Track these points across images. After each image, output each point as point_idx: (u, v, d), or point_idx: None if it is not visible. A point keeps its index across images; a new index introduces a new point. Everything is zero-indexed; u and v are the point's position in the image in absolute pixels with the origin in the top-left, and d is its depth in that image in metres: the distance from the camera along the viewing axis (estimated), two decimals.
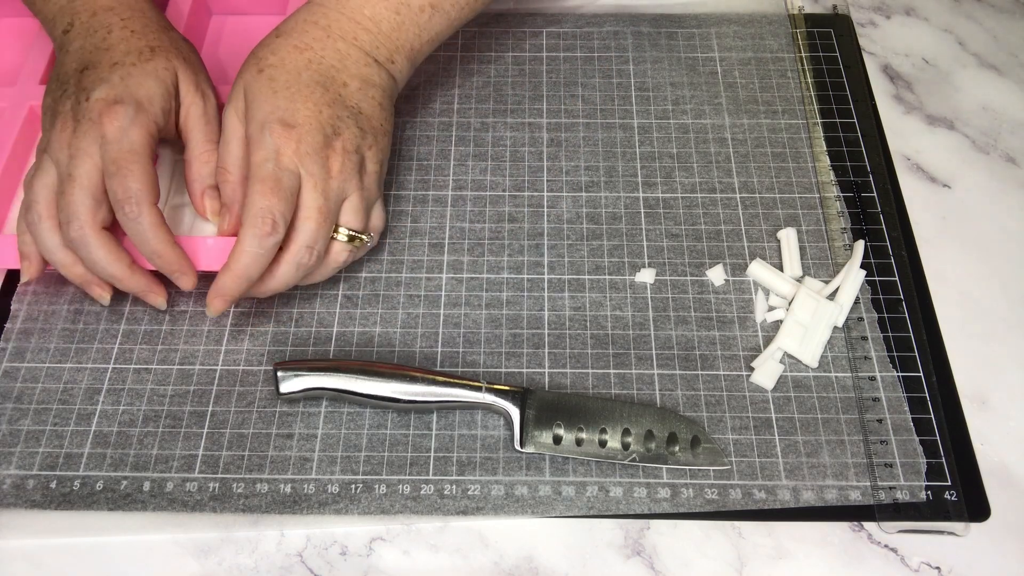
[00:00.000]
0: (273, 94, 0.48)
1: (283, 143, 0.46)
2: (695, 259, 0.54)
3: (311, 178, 0.47)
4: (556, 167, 0.58)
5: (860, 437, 0.48)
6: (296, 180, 0.47)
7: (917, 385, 0.49)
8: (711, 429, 0.48)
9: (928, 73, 0.63)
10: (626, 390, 0.49)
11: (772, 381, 0.49)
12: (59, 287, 0.53)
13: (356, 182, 0.49)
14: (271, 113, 0.47)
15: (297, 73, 0.48)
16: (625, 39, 0.64)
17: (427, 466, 0.47)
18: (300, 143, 0.47)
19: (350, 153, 0.48)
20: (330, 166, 0.47)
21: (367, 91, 0.50)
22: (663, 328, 0.51)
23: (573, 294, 0.53)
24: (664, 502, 0.46)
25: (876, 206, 0.56)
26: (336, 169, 0.48)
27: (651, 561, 0.45)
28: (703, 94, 0.61)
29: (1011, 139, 0.60)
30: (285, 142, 0.46)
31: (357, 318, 0.52)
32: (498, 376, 0.50)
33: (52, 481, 0.46)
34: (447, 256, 0.54)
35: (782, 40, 0.64)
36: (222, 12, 0.66)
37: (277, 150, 0.46)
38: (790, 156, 0.58)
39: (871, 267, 0.53)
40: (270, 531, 0.45)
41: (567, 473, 0.47)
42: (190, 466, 0.47)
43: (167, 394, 0.49)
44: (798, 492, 0.46)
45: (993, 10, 0.67)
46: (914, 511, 0.45)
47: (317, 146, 0.47)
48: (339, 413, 0.49)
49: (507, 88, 0.62)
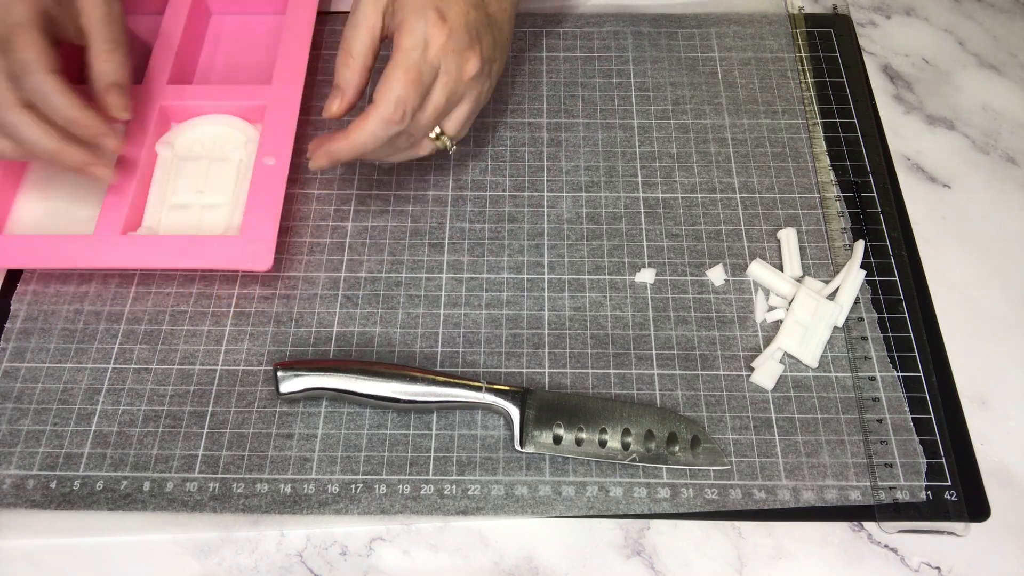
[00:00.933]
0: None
1: (434, 34, 0.47)
2: (695, 259, 0.54)
3: (446, 75, 0.48)
4: (556, 167, 0.58)
5: (860, 437, 0.48)
6: (434, 76, 0.47)
7: (917, 385, 0.49)
8: (711, 429, 0.48)
9: (928, 73, 0.63)
10: (626, 390, 0.49)
11: (772, 381, 0.49)
12: (59, 287, 0.53)
13: (478, 91, 0.50)
14: (428, 1, 0.48)
15: None
16: (625, 39, 0.64)
17: (427, 466, 0.47)
18: (450, 38, 0.47)
19: (486, 61, 0.49)
20: (466, 69, 0.48)
21: (501, 2, 0.51)
22: (663, 328, 0.51)
23: (573, 294, 0.53)
24: (664, 502, 0.46)
25: (876, 206, 0.56)
26: (469, 74, 0.48)
27: (651, 561, 0.45)
28: (703, 94, 0.61)
29: (1011, 139, 0.60)
30: (437, 33, 0.47)
31: (357, 318, 0.52)
32: (498, 376, 0.50)
33: (52, 481, 0.46)
34: (447, 256, 0.54)
35: (782, 40, 0.64)
36: (222, 12, 0.66)
37: (427, 40, 0.47)
38: (790, 156, 0.58)
39: (871, 267, 0.53)
40: (270, 531, 0.45)
41: (567, 473, 0.47)
42: (190, 466, 0.47)
43: (167, 394, 0.49)
44: (798, 492, 0.46)
45: (993, 10, 0.67)
46: (914, 511, 0.45)
47: (462, 46, 0.48)
48: (339, 413, 0.49)
49: (507, 88, 0.62)
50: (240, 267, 0.51)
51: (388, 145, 0.48)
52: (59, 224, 0.55)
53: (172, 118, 0.59)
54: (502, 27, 0.51)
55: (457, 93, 0.49)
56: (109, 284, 0.53)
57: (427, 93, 0.48)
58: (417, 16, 0.47)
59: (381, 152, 0.49)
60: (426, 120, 0.48)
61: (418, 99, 0.47)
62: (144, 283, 0.53)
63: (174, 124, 0.59)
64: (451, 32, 0.47)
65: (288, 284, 0.53)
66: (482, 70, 0.49)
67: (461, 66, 0.48)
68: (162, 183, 0.56)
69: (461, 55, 0.48)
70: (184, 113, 0.58)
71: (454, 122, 0.50)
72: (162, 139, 0.57)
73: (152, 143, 0.56)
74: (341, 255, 0.54)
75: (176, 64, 0.59)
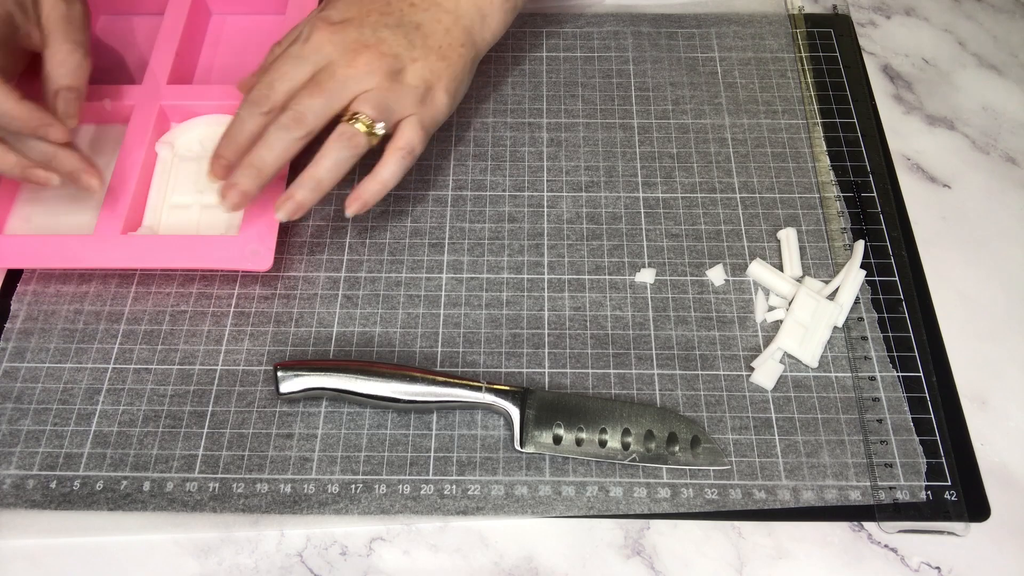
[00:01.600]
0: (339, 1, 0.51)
1: (316, 31, 0.49)
2: (695, 259, 0.54)
3: (327, 63, 0.48)
4: (556, 167, 0.58)
5: (860, 437, 0.48)
6: (307, 68, 0.48)
7: (917, 385, 0.49)
8: (711, 429, 0.48)
9: (928, 73, 0.63)
10: (626, 390, 0.49)
11: (772, 381, 0.49)
12: (59, 287, 0.53)
13: (379, 80, 0.48)
14: (325, 11, 0.50)
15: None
16: (625, 39, 0.64)
17: (427, 466, 0.47)
18: (333, 34, 0.48)
19: (385, 55, 0.49)
20: (354, 59, 0.48)
21: (434, 12, 0.51)
22: (663, 328, 0.51)
23: (573, 294, 0.53)
24: (664, 502, 0.46)
25: (876, 206, 0.56)
26: (360, 62, 0.48)
27: (651, 561, 0.45)
28: (703, 94, 0.61)
29: (1011, 139, 0.60)
30: (318, 31, 0.49)
31: (357, 318, 0.52)
32: (498, 376, 0.50)
33: (52, 481, 0.46)
34: (447, 256, 0.54)
35: (782, 40, 0.64)
36: (222, 12, 0.66)
37: (308, 36, 0.49)
38: (790, 156, 0.58)
39: (871, 267, 0.53)
40: (270, 531, 0.45)
41: (567, 473, 0.47)
42: (190, 466, 0.47)
43: (167, 394, 0.49)
44: (798, 492, 0.46)
45: (993, 10, 0.67)
46: (914, 511, 0.45)
47: (348, 40, 0.48)
48: (339, 413, 0.49)
49: (507, 88, 0.62)
50: (240, 267, 0.51)
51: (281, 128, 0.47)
52: (59, 224, 0.55)
53: (172, 118, 0.59)
54: (429, 33, 0.51)
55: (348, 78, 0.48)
56: (109, 284, 0.53)
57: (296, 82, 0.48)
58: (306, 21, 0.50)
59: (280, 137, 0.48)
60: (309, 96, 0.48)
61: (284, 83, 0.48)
62: (144, 283, 0.53)
63: (174, 124, 0.59)
64: (337, 30, 0.49)
65: (288, 284, 0.53)
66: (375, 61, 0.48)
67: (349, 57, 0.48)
68: (162, 183, 0.56)
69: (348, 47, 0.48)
70: (184, 113, 0.58)
71: (364, 104, 0.48)
72: (162, 139, 0.57)
73: (152, 143, 0.56)
74: (341, 255, 0.54)
75: (176, 64, 0.59)
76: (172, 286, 0.53)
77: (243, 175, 0.48)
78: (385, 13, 0.50)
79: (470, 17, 0.52)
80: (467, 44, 0.52)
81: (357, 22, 0.49)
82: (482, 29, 0.53)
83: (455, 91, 0.52)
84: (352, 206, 0.49)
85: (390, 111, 0.49)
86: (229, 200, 0.48)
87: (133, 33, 0.64)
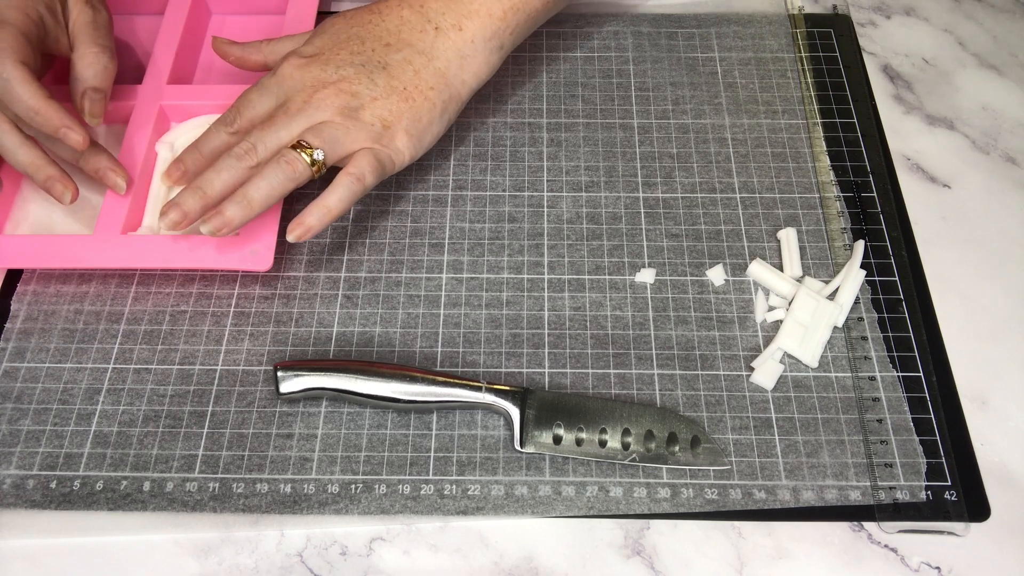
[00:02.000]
0: (317, 35, 0.53)
1: (285, 64, 0.51)
2: (695, 259, 0.54)
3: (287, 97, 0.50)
4: (556, 167, 0.58)
5: (860, 437, 0.48)
6: (270, 100, 0.50)
7: (917, 385, 0.49)
8: (711, 429, 0.48)
9: (928, 73, 0.63)
10: (626, 390, 0.49)
11: (772, 381, 0.49)
12: (59, 287, 0.53)
13: (332, 115, 0.49)
14: (303, 45, 0.52)
15: (350, 27, 0.52)
16: (625, 39, 0.64)
17: (427, 466, 0.47)
18: (297, 69, 0.50)
19: (343, 93, 0.49)
20: (313, 94, 0.49)
21: (405, 53, 0.51)
22: (663, 328, 0.51)
23: (573, 294, 0.53)
24: (664, 502, 0.46)
25: (876, 206, 0.56)
26: (317, 97, 0.49)
27: (651, 561, 0.45)
28: (703, 94, 0.61)
29: (1011, 139, 0.60)
30: (287, 65, 0.51)
31: (357, 318, 0.52)
32: (498, 376, 0.50)
33: (52, 481, 0.46)
34: (447, 256, 0.54)
35: (782, 40, 0.64)
36: (222, 12, 0.66)
37: (277, 68, 0.51)
38: (790, 156, 0.58)
39: (871, 267, 0.53)
40: (270, 531, 0.45)
41: (567, 473, 0.47)
42: (190, 466, 0.47)
43: (167, 394, 0.49)
44: (798, 492, 0.46)
45: (993, 10, 0.67)
46: (914, 511, 0.45)
47: (309, 77, 0.50)
48: (339, 413, 0.49)
49: (507, 88, 0.62)
50: (240, 267, 0.51)
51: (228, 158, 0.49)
52: (59, 224, 0.55)
53: (172, 118, 0.59)
54: (396, 75, 0.51)
55: (300, 110, 0.49)
56: (109, 284, 0.53)
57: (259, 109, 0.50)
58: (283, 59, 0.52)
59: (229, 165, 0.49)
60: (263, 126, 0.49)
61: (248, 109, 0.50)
62: (144, 283, 0.53)
63: (174, 124, 0.59)
64: (305, 65, 0.50)
65: (288, 284, 0.53)
66: (330, 96, 0.49)
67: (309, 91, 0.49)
68: (162, 183, 0.56)
69: (310, 83, 0.50)
70: (184, 113, 0.58)
71: (311, 134, 0.48)
72: (162, 139, 0.57)
73: (152, 143, 0.56)
74: (341, 255, 0.54)
75: (176, 64, 0.59)
76: (172, 286, 0.53)
77: (189, 196, 0.48)
78: (356, 52, 0.51)
79: (446, 59, 0.52)
80: (439, 87, 0.52)
81: (323, 59, 0.50)
82: (460, 71, 0.53)
83: (419, 133, 0.51)
84: (294, 231, 0.48)
85: (338, 143, 0.49)
86: (169, 217, 0.48)
87: (133, 33, 0.64)
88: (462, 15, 0.52)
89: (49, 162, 0.50)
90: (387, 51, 0.51)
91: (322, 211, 0.48)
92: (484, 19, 0.52)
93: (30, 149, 0.50)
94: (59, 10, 0.52)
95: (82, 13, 0.52)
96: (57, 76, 0.58)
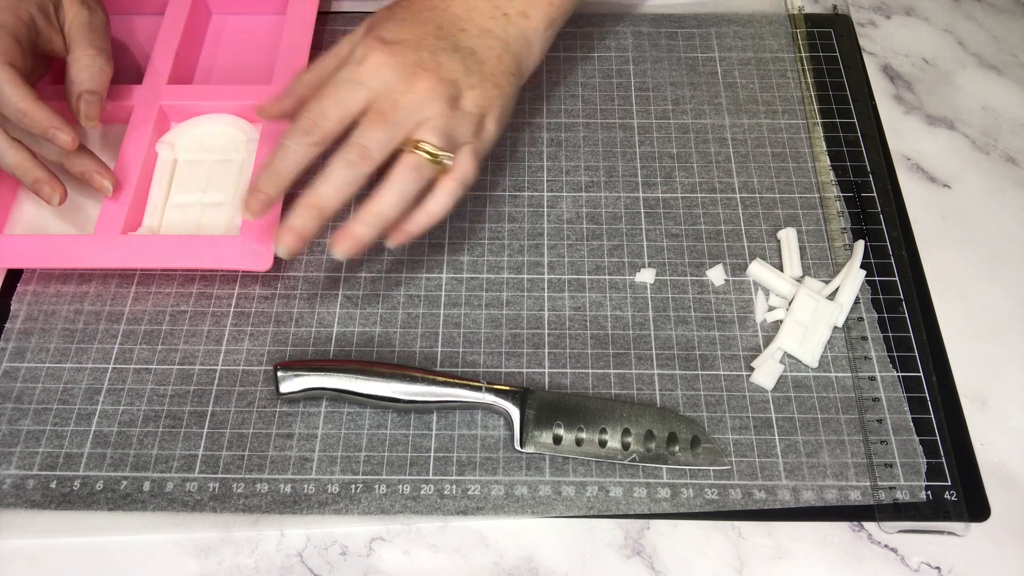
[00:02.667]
0: (387, 21, 0.48)
1: (371, 52, 0.46)
2: (695, 259, 0.54)
3: (386, 89, 0.45)
4: (556, 167, 0.58)
5: (860, 437, 0.48)
6: (364, 94, 0.45)
7: (917, 385, 0.49)
8: (711, 429, 0.48)
9: (928, 73, 0.63)
10: (626, 390, 0.49)
11: (772, 381, 0.49)
12: (59, 287, 0.53)
13: (441, 108, 0.46)
14: (376, 31, 0.47)
15: (418, 12, 0.49)
16: (625, 39, 0.64)
17: (427, 466, 0.47)
18: (391, 56, 0.46)
19: (445, 81, 0.46)
20: (415, 84, 0.45)
21: (485, 39, 0.49)
22: (663, 328, 0.51)
23: (573, 294, 0.53)
24: (664, 502, 0.46)
25: (876, 206, 0.56)
26: (421, 88, 0.45)
27: (651, 561, 0.45)
28: (703, 94, 0.61)
29: (1011, 139, 0.60)
30: (374, 52, 0.46)
31: (357, 318, 0.52)
32: (498, 376, 0.50)
33: (52, 481, 0.46)
34: (447, 256, 0.54)
35: (782, 40, 0.64)
36: (222, 12, 0.66)
37: (362, 58, 0.46)
38: (790, 156, 0.58)
39: (871, 267, 0.53)
40: (270, 531, 0.45)
41: (567, 473, 0.47)
42: (190, 466, 0.47)
43: (167, 394, 0.49)
44: (798, 492, 0.46)
45: (993, 10, 0.67)
46: (914, 511, 0.45)
47: (407, 63, 0.46)
48: (339, 413, 0.49)
49: None
50: (240, 267, 0.51)
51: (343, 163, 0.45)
52: (59, 224, 0.55)
53: (172, 118, 0.59)
54: (484, 60, 0.48)
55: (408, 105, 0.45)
56: (109, 284, 0.53)
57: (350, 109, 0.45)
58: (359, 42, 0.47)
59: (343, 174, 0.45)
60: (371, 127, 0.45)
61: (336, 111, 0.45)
62: (144, 283, 0.53)
63: (174, 124, 0.59)
64: (394, 51, 0.46)
65: (288, 284, 0.53)
66: (436, 87, 0.46)
67: (407, 80, 0.45)
68: (162, 183, 0.56)
69: (405, 69, 0.46)
70: (184, 113, 0.58)
71: (428, 133, 0.45)
72: (162, 139, 0.57)
73: (152, 143, 0.56)
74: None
75: (176, 64, 0.59)
76: (172, 286, 0.53)
77: (303, 216, 0.45)
78: (440, 37, 0.48)
79: (518, 44, 0.51)
80: (516, 72, 0.50)
81: (414, 44, 0.47)
82: (527, 56, 0.52)
83: (503, 120, 0.50)
84: (396, 238, 0.46)
85: (452, 139, 0.46)
86: (287, 246, 0.45)
87: (133, 33, 0.64)
88: (527, 3, 0.51)
89: (37, 164, 0.50)
90: (467, 36, 0.49)
91: (427, 219, 0.47)
92: (545, 7, 0.52)
93: (17, 151, 0.50)
94: (52, 11, 0.52)
95: (78, 15, 0.52)
96: (55, 77, 0.58)
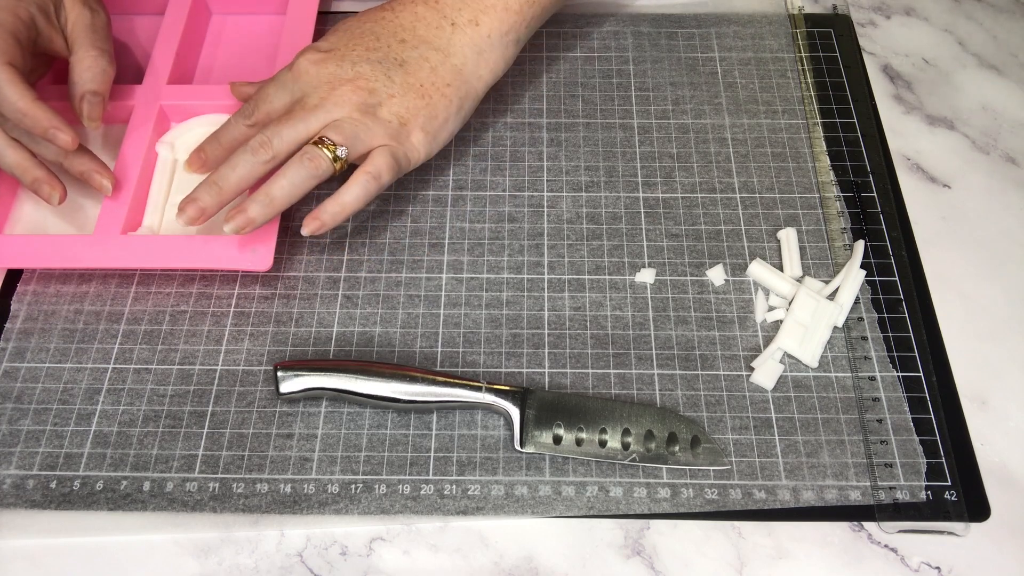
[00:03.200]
0: (334, 32, 0.53)
1: (302, 59, 0.50)
2: (695, 259, 0.54)
3: (303, 93, 0.50)
4: (556, 167, 0.58)
5: (860, 437, 0.48)
6: (287, 96, 0.50)
7: (917, 385, 0.49)
8: (711, 429, 0.48)
9: (928, 73, 0.63)
10: (626, 390, 0.49)
11: (772, 381, 0.49)
12: (59, 287, 0.53)
13: (350, 112, 0.49)
14: (319, 40, 0.52)
15: (363, 23, 0.52)
16: (625, 39, 0.64)
17: (427, 466, 0.47)
18: (316, 64, 0.50)
19: (361, 90, 0.49)
20: (332, 90, 0.49)
21: (422, 50, 0.51)
22: (663, 328, 0.51)
23: (573, 294, 0.53)
24: (664, 502, 0.46)
25: (876, 206, 0.56)
26: (336, 95, 0.49)
27: (651, 561, 0.45)
28: (703, 94, 0.61)
29: (1011, 139, 0.60)
30: (303, 59, 0.50)
31: (357, 318, 0.52)
32: (498, 376, 0.50)
33: (52, 481, 0.46)
34: (447, 256, 0.54)
35: (782, 40, 0.64)
36: (222, 12, 0.66)
37: (294, 64, 0.50)
38: (790, 156, 0.58)
39: (871, 267, 0.53)
40: (270, 531, 0.45)
41: (567, 473, 0.47)
42: (190, 466, 0.47)
43: (167, 394, 0.49)
44: (798, 492, 0.46)
45: (993, 10, 0.67)
46: (914, 511, 0.45)
47: (327, 71, 0.50)
48: (339, 413, 0.49)
49: (507, 88, 0.62)
50: (240, 267, 0.51)
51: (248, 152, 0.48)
52: (59, 224, 0.55)
53: (172, 118, 0.59)
54: (413, 71, 0.51)
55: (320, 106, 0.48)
56: (109, 284, 0.53)
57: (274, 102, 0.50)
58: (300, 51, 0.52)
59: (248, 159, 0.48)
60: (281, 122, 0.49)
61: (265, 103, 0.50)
62: (144, 283, 0.53)
63: (174, 124, 0.59)
64: (323, 60, 0.50)
65: (288, 284, 0.53)
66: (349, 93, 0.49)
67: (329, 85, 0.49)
68: (162, 183, 0.56)
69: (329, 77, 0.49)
70: (184, 113, 0.58)
71: (331, 130, 0.48)
72: (162, 139, 0.57)
73: (152, 143, 0.56)
74: (341, 255, 0.54)
75: (176, 64, 0.59)
76: (172, 286, 0.53)
77: (204, 191, 0.49)
78: (372, 49, 0.51)
79: (462, 56, 0.52)
80: (455, 84, 0.52)
81: (339, 55, 0.50)
82: (477, 67, 0.52)
83: (435, 131, 0.51)
84: (309, 226, 0.49)
85: (358, 139, 0.49)
86: (187, 214, 0.48)
87: (133, 33, 0.65)
88: (478, 10, 0.52)
89: (36, 164, 0.50)
90: (403, 48, 0.51)
91: (338, 208, 0.49)
92: (500, 13, 0.52)
93: (16, 151, 0.50)
94: (52, 11, 0.52)
95: (80, 16, 0.52)
96: (56, 77, 0.58)
